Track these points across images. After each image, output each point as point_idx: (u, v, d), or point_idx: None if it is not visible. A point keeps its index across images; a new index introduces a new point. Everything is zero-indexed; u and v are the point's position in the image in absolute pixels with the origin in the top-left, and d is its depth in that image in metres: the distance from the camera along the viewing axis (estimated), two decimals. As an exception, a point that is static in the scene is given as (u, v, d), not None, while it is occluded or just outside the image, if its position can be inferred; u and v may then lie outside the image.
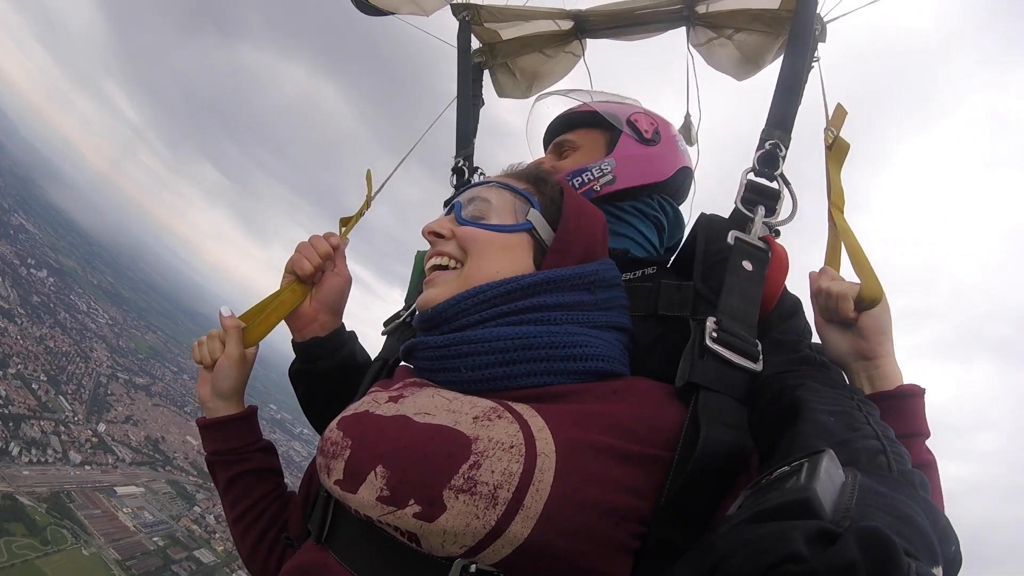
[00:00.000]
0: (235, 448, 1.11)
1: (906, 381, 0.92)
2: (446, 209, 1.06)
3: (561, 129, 1.45)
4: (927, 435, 0.87)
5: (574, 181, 1.27)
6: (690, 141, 1.85)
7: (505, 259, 0.91)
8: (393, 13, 2.00)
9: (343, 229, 1.38)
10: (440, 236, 0.96)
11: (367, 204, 1.49)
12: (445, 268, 0.95)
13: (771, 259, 0.95)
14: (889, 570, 0.35)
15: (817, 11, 1.34)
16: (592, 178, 1.26)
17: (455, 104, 1.77)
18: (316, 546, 0.84)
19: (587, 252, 0.95)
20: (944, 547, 0.45)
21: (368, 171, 1.55)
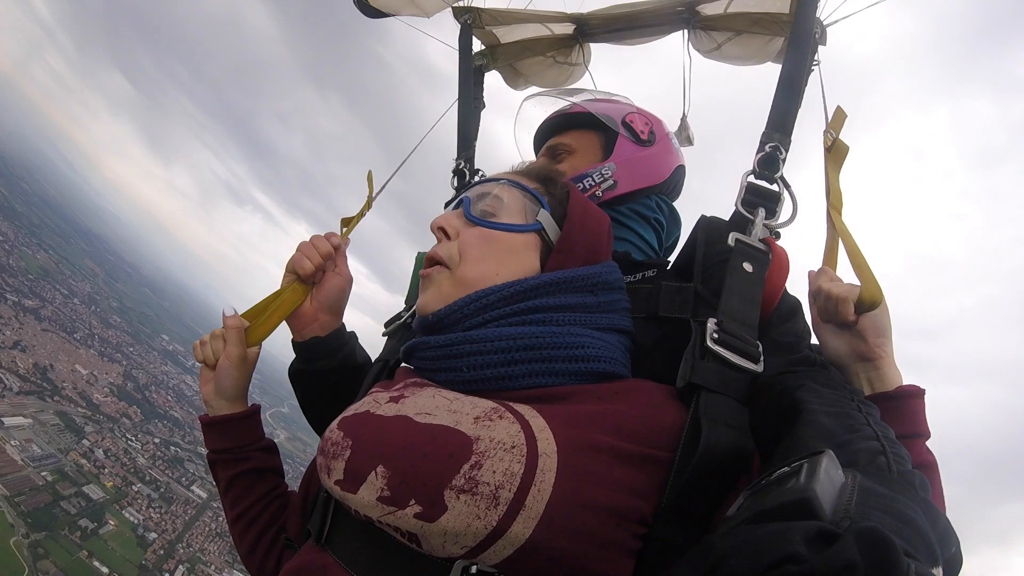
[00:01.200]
0: (236, 447, 1.11)
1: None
2: (453, 203, 1.03)
3: (553, 131, 1.40)
4: (927, 436, 0.87)
5: (581, 183, 1.24)
6: (687, 142, 1.85)
7: (510, 260, 0.90)
8: (394, 15, 1.98)
9: (344, 230, 1.38)
10: (446, 235, 0.94)
11: (368, 205, 1.48)
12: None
13: (771, 261, 0.95)
14: (888, 570, 0.36)
15: (817, 14, 1.34)
16: (594, 183, 1.25)
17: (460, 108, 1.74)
18: (315, 547, 0.82)
19: (591, 254, 0.94)
20: (944, 548, 0.46)
21: (369, 172, 1.54)
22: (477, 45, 1.90)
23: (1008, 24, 55.18)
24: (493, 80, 2.01)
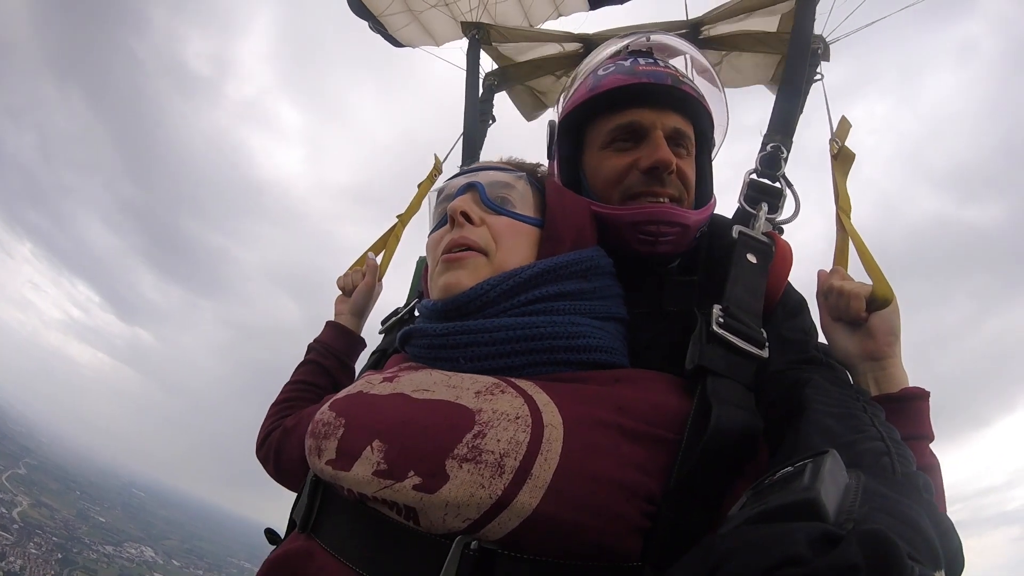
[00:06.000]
0: (331, 346, 1.33)
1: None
2: (460, 187, 0.96)
3: (680, 108, 1.00)
4: (931, 438, 0.85)
5: (705, 226, 1.02)
6: None
7: (534, 252, 0.89)
8: (411, 46, 2.18)
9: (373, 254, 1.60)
10: (469, 220, 0.88)
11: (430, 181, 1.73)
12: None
13: (775, 253, 0.94)
14: (891, 573, 0.35)
15: (820, 32, 1.39)
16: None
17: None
18: (301, 535, 0.77)
19: (578, 239, 0.92)
20: (947, 550, 0.44)
21: (436, 155, 1.74)
22: (488, 63, 1.96)
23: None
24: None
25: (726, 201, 1.11)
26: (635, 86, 0.98)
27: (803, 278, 1.02)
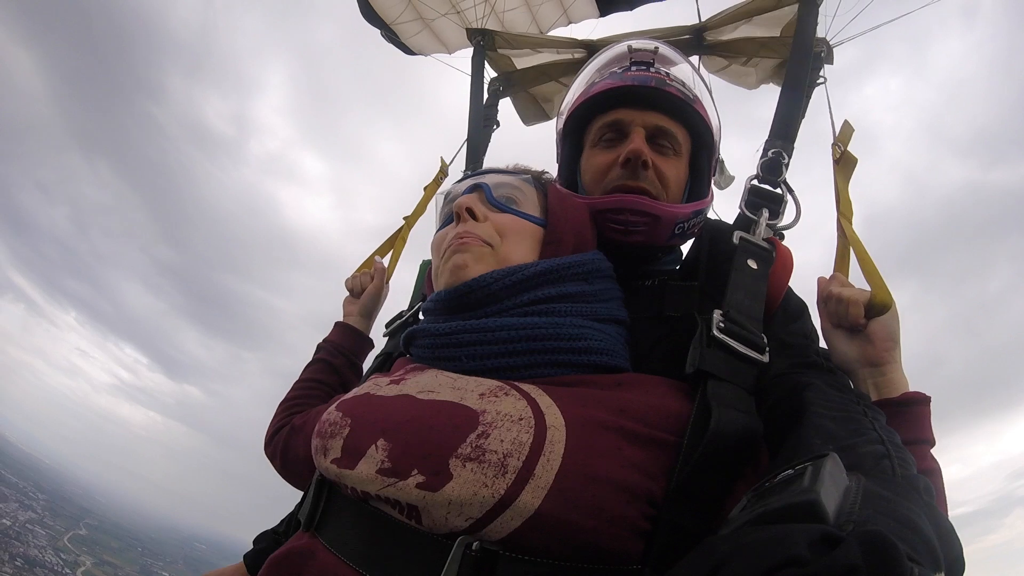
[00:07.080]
0: (340, 346, 1.35)
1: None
2: (466, 188, 0.96)
3: (666, 104, 1.02)
4: (932, 443, 0.85)
5: (689, 222, 1.03)
6: (721, 184, 1.67)
7: (537, 250, 0.90)
8: (423, 54, 2.19)
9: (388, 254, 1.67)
10: (473, 217, 0.89)
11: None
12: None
13: (775, 258, 0.94)
14: (891, 574, 0.34)
15: (823, 36, 1.41)
16: (697, 224, 1.05)
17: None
18: (304, 534, 0.78)
19: (579, 242, 0.93)
20: (947, 552, 0.44)
21: (441, 157, 1.75)
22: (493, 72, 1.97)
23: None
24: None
25: (726, 201, 1.21)
26: (620, 88, 1.04)
27: (800, 272, 1.03)
